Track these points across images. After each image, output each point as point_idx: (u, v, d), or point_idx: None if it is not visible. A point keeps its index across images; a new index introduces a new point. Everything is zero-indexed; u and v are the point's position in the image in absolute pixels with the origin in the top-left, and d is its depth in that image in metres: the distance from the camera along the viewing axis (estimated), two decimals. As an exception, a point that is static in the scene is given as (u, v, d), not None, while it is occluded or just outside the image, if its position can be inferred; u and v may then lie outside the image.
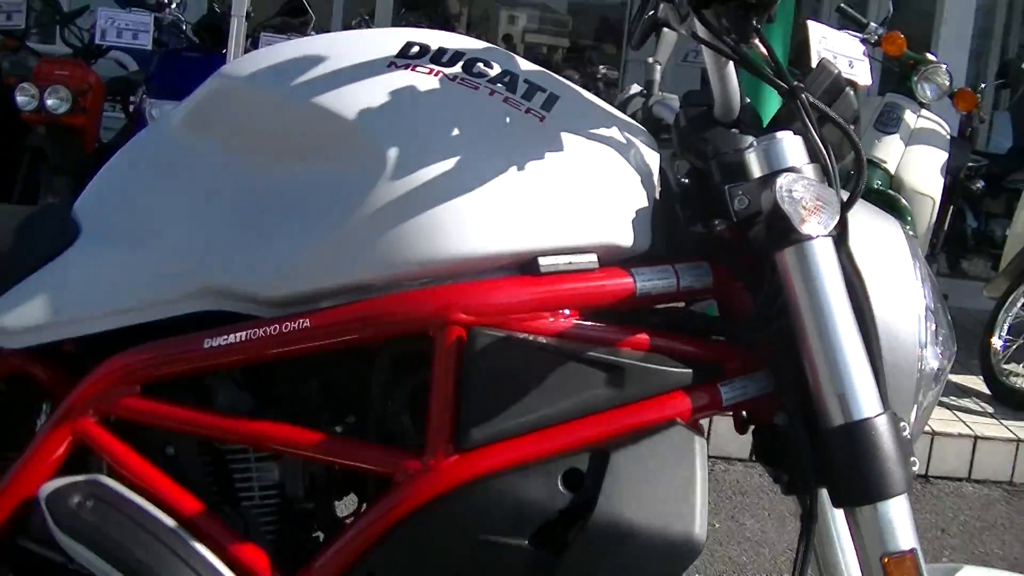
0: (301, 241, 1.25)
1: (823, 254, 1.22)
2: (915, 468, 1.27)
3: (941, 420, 4.54)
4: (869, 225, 1.33)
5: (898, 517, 1.22)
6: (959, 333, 1.50)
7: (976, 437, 4.44)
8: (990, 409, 4.82)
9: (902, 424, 1.26)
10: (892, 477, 1.21)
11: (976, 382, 5.09)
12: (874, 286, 1.28)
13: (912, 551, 1.22)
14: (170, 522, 1.27)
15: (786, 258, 1.22)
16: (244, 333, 1.26)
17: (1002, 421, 4.67)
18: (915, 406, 1.34)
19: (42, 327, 1.37)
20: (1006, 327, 5.13)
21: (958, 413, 4.72)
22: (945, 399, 4.83)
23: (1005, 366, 5.05)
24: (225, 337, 1.27)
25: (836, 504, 1.25)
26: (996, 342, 5.07)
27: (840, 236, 1.25)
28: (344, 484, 1.40)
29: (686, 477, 1.23)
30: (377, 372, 1.29)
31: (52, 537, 1.30)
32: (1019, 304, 5.17)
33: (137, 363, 1.32)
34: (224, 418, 1.32)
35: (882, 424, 1.21)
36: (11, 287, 1.39)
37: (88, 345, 1.40)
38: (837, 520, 1.49)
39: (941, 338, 1.36)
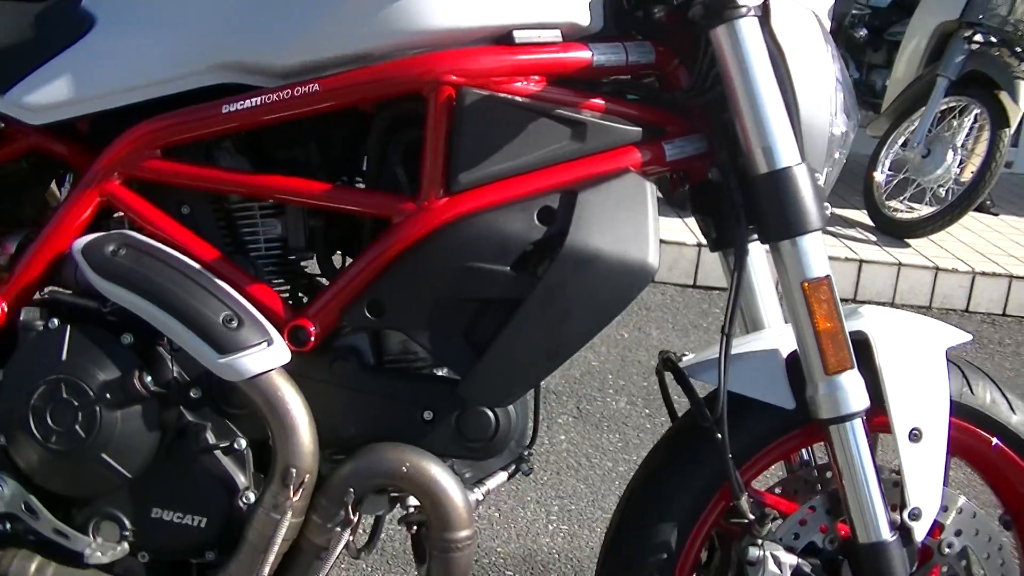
0: (309, 14, 1.49)
1: (750, 31, 1.52)
2: (828, 211, 1.60)
3: (830, 247, 4.98)
4: (788, 9, 1.63)
5: (815, 249, 1.55)
6: (844, 174, 1.83)
7: (861, 261, 4.93)
8: (873, 238, 5.32)
9: (817, 175, 1.59)
10: (810, 215, 1.53)
11: (860, 215, 5.58)
12: (793, 59, 1.59)
13: (827, 277, 1.56)
14: (195, 263, 1.54)
15: (719, 35, 1.52)
16: (260, 98, 1.51)
17: (884, 248, 5.17)
18: (826, 163, 1.67)
19: (63, 104, 1.59)
20: (887, 163, 5.62)
21: (844, 241, 5.20)
22: (832, 228, 5.31)
23: (888, 202, 5.55)
24: (242, 103, 1.52)
25: (763, 240, 1.58)
26: (879, 176, 5.57)
27: (764, 16, 1.54)
28: (338, 238, 1.68)
29: (641, 215, 1.53)
30: (374, 131, 1.56)
31: (87, 285, 1.56)
32: (898, 143, 5.66)
33: (161, 128, 1.56)
34: (236, 174, 1.58)
35: (800, 172, 1.53)
36: (31, 73, 1.60)
37: (102, 123, 1.63)
38: (756, 272, 1.83)
39: (847, 107, 1.69)
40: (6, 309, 1.61)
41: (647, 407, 3.69)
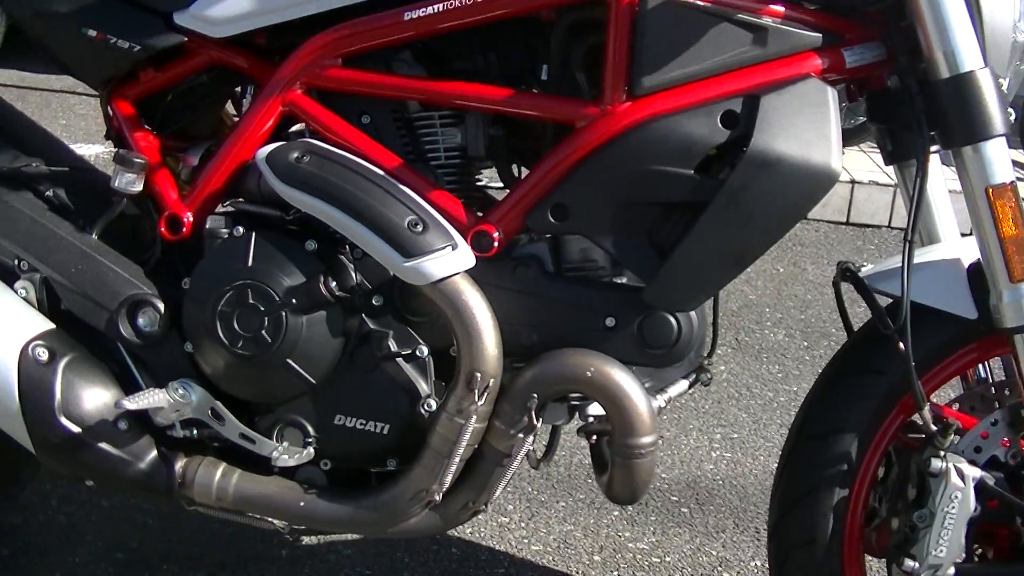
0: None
1: (932, -67, 1.52)
2: (1012, 118, 1.60)
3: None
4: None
5: (999, 155, 1.55)
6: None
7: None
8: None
9: (1000, 80, 1.59)
10: (994, 120, 1.54)
11: None
12: (975, -40, 1.59)
13: (1012, 183, 1.56)
14: (377, 170, 1.60)
15: (900, -64, 1.53)
16: (440, 5, 1.56)
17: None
18: (1009, 69, 1.66)
19: (244, 16, 1.66)
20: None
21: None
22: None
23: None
24: (422, 9, 1.57)
25: (945, 145, 1.58)
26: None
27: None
28: (517, 147, 1.73)
29: (823, 120, 1.55)
30: (555, 37, 1.60)
31: (270, 193, 1.63)
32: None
33: (342, 37, 1.63)
34: (417, 80, 1.64)
35: (984, 76, 1.53)
36: None
37: (281, 35, 1.70)
38: (932, 185, 1.83)
39: (1028, 16, 1.68)
40: (191, 219, 1.70)
41: (805, 339, 3.75)
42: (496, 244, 1.59)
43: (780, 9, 1.56)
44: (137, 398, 1.62)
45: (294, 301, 1.60)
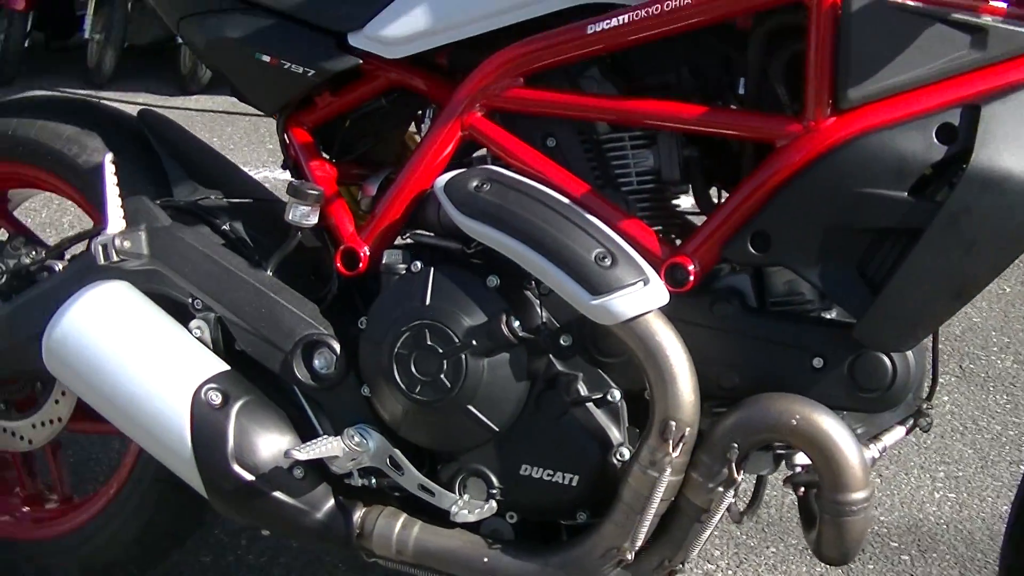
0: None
1: None
2: None
3: None
4: None
5: None
6: None
7: None
8: None
9: None
10: None
11: None
12: None
13: None
14: (563, 198, 1.75)
15: None
16: (625, 16, 1.70)
17: None
18: None
19: (421, 35, 1.84)
20: None
21: None
22: None
23: None
24: (607, 22, 1.71)
25: None
26: None
27: None
28: (715, 168, 1.87)
29: (1061, 130, 1.60)
30: (752, 47, 1.72)
31: (450, 224, 1.80)
32: None
33: (523, 54, 1.78)
34: (605, 99, 1.78)
35: None
36: (387, 6, 1.88)
37: (461, 54, 1.88)
38: None
39: None
40: (368, 253, 1.91)
41: (1037, 366, 3.74)
42: (692, 278, 1.70)
43: (1001, 6, 1.59)
44: (309, 447, 1.81)
45: (475, 343, 1.75)
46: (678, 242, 1.85)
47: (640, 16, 1.71)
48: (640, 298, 1.67)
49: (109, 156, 2.02)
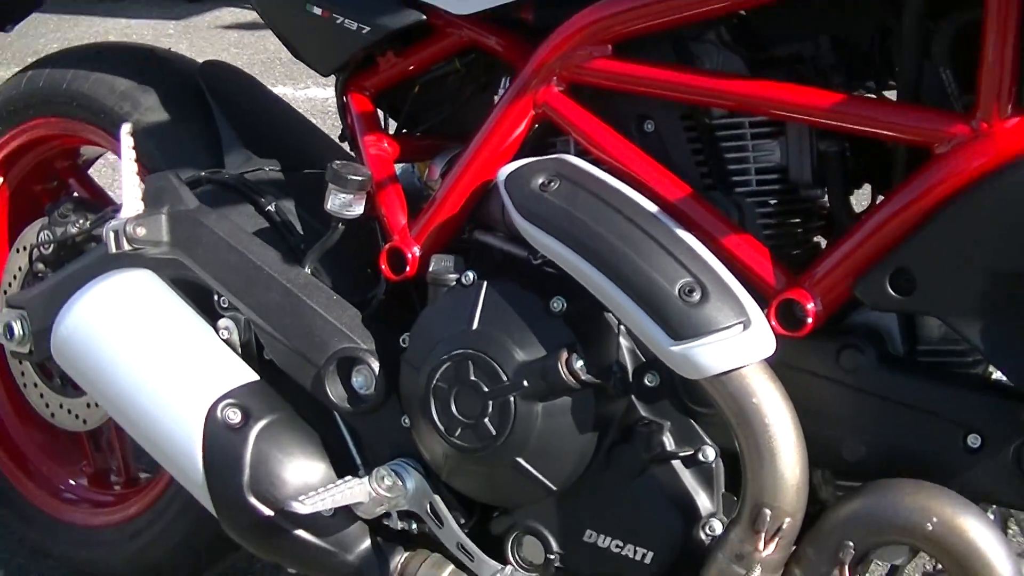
0: None
1: None
2: None
3: None
4: None
5: None
6: None
7: None
8: None
9: None
10: None
11: None
12: None
13: None
14: (649, 206, 1.31)
15: None
16: None
17: None
18: None
19: (493, -17, 1.44)
20: None
21: None
22: None
23: None
24: None
25: None
26: None
27: None
28: (860, 168, 1.39)
29: None
30: (908, 15, 1.23)
31: (513, 225, 1.39)
32: None
33: (610, 15, 1.33)
34: (718, 79, 1.32)
35: None
36: None
37: (548, 9, 1.45)
38: None
39: None
40: (419, 253, 1.50)
41: None
42: (810, 320, 1.24)
43: None
44: (324, 495, 1.42)
45: (527, 382, 1.34)
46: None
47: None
48: (735, 347, 1.23)
49: (126, 126, 1.66)
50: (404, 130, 1.69)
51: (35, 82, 1.97)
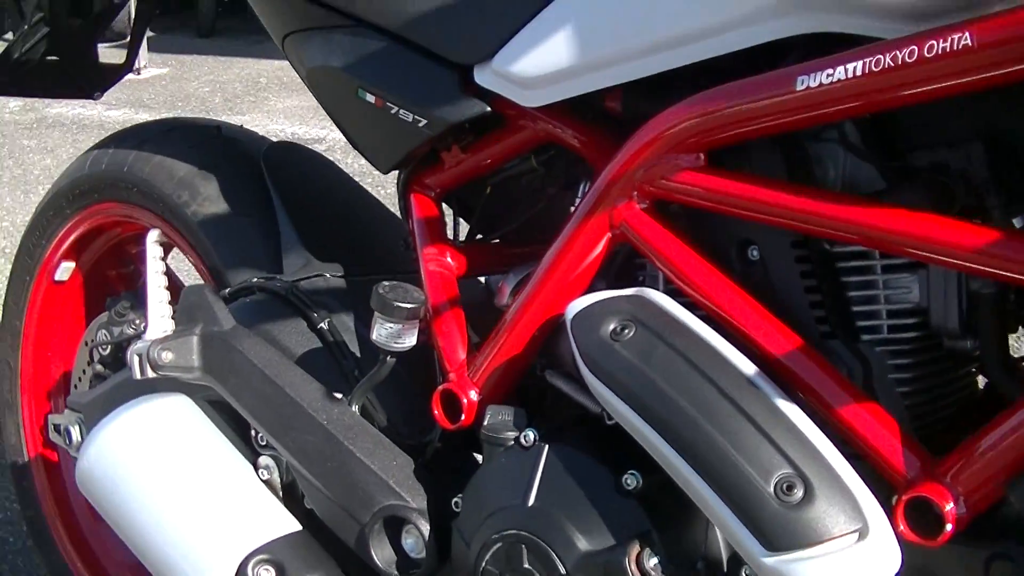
0: None
1: None
2: None
3: None
4: None
5: None
6: None
7: None
8: None
9: None
10: None
11: None
12: None
13: None
14: (744, 365, 1.01)
15: None
16: (863, 62, 0.92)
17: None
18: None
19: (568, 74, 1.14)
20: None
21: None
22: None
23: None
24: (831, 71, 0.95)
25: None
26: None
27: None
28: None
29: None
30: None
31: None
32: None
33: (698, 117, 1.04)
34: (842, 205, 1.01)
35: None
36: (521, 29, 1.20)
37: (636, 101, 1.17)
38: None
39: None
40: (477, 398, 1.23)
41: None
42: (950, 527, 0.93)
43: None
44: None
45: None
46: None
47: (900, 60, 0.92)
48: (847, 563, 0.93)
49: (154, 233, 1.43)
50: (478, 235, 1.42)
51: (99, 163, 1.77)
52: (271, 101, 6.07)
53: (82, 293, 1.98)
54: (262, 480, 1.36)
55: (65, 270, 1.94)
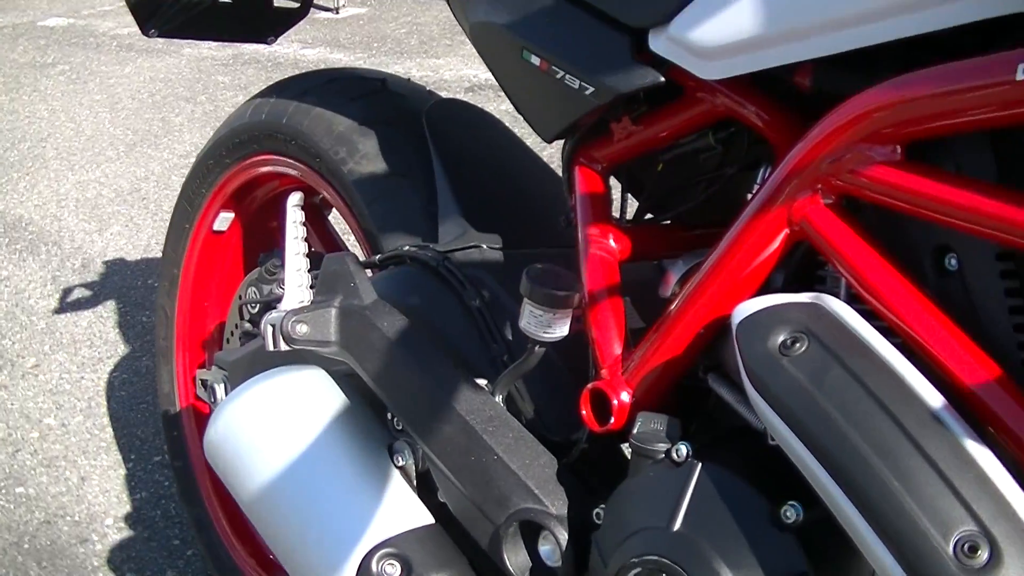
0: None
1: None
2: None
3: None
4: None
5: None
6: None
7: None
8: None
9: None
10: None
11: None
12: None
13: None
14: (930, 396, 0.87)
15: None
16: None
17: None
18: None
19: (754, 45, 1.02)
20: None
21: None
22: None
23: None
24: None
25: None
26: None
27: None
28: None
29: None
30: None
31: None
32: None
33: (898, 103, 0.90)
34: None
35: None
36: None
37: (827, 77, 1.05)
38: None
39: None
40: (629, 400, 1.13)
41: None
42: None
43: None
44: None
45: None
46: None
47: None
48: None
49: (295, 196, 1.37)
50: (646, 216, 1.31)
51: (259, 113, 1.72)
52: (467, 45, 5.97)
53: (240, 244, 1.94)
54: (396, 466, 1.29)
55: (224, 220, 1.90)
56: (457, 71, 5.43)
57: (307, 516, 1.28)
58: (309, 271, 1.42)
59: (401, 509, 1.26)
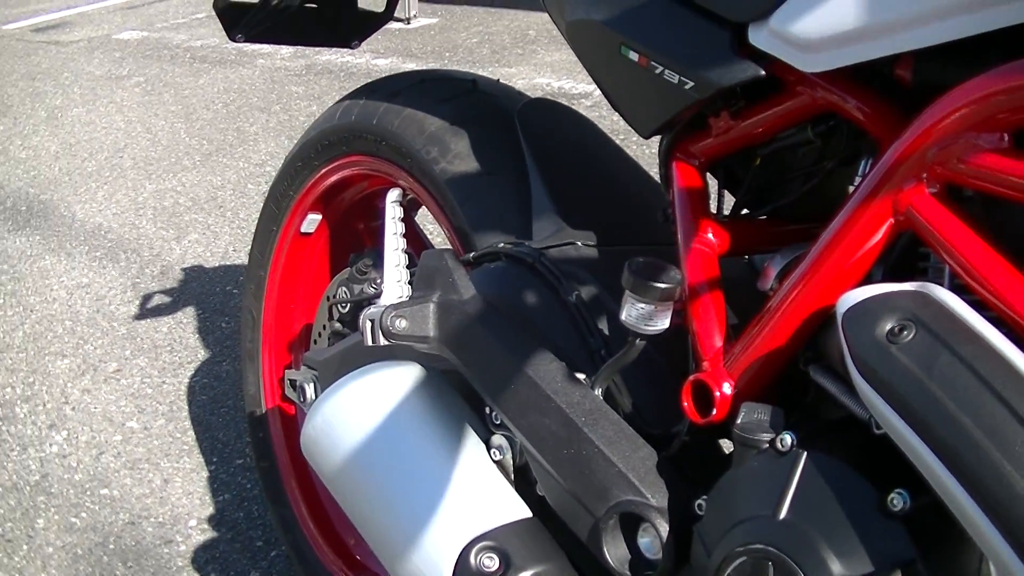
0: None
1: None
2: None
3: None
4: None
5: None
6: None
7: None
8: None
9: None
10: None
11: None
12: None
13: None
14: (1051, 378, 0.90)
15: None
16: None
17: None
18: None
19: (855, 37, 1.03)
20: None
21: None
22: None
23: None
24: None
25: None
26: None
27: None
28: None
29: None
30: None
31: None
32: None
33: (1005, 92, 0.91)
34: None
35: None
36: None
37: (930, 68, 1.06)
38: None
39: None
40: (731, 392, 1.15)
41: None
42: None
43: None
44: None
45: None
46: None
47: None
48: None
49: (394, 193, 1.39)
50: (744, 211, 1.33)
51: (348, 114, 1.75)
52: (539, 54, 6.04)
53: (327, 246, 1.98)
54: (494, 461, 1.31)
55: (311, 222, 1.93)
56: (530, 79, 5.46)
57: (406, 509, 1.30)
58: (408, 267, 1.45)
59: (499, 503, 1.28)
